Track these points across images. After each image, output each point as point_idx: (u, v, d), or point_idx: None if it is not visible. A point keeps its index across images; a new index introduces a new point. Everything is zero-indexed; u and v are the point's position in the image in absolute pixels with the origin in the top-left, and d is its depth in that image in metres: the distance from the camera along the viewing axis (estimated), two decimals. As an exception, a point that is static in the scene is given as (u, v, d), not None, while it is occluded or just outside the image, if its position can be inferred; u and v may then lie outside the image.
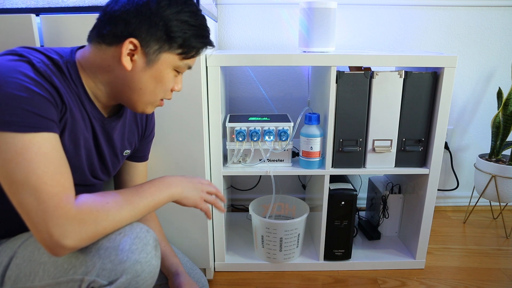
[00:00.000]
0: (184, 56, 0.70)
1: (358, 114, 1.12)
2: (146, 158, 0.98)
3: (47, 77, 0.62)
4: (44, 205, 0.57)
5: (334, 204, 1.19)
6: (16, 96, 0.57)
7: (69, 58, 0.69)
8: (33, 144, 0.58)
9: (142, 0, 0.65)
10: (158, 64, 0.69)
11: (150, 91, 0.71)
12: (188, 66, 0.73)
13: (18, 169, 0.57)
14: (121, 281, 0.65)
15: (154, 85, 0.71)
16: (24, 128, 0.58)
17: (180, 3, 0.68)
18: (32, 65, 0.62)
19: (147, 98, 0.72)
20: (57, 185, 0.59)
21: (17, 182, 0.57)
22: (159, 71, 0.69)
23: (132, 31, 0.66)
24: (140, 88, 0.70)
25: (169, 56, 0.69)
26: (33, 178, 0.57)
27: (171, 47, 0.68)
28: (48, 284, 0.66)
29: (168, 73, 0.71)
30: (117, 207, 0.65)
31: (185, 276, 0.93)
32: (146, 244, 0.68)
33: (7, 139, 0.57)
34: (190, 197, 0.76)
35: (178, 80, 0.75)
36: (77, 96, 0.69)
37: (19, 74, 0.59)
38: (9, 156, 0.57)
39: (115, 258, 0.65)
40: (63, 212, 0.58)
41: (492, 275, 1.24)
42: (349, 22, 1.51)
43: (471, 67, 1.58)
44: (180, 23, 0.67)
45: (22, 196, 0.57)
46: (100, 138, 0.76)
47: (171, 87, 0.74)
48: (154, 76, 0.70)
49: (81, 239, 0.60)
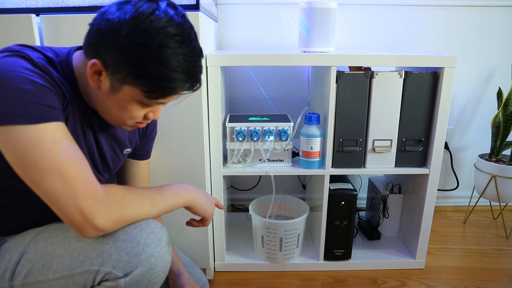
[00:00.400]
0: (148, 95, 0.63)
1: (358, 114, 1.12)
2: (148, 156, 0.98)
3: (46, 71, 0.63)
4: (72, 188, 0.60)
5: (334, 204, 1.19)
6: (22, 90, 0.58)
7: (64, 58, 0.69)
8: (47, 134, 0.60)
9: (116, 24, 0.59)
10: (120, 94, 0.64)
11: (116, 116, 0.68)
12: (158, 103, 0.67)
13: (39, 158, 0.59)
14: (136, 273, 0.66)
15: (118, 112, 0.67)
16: (36, 119, 0.59)
17: (169, 36, 0.59)
18: (30, 60, 0.62)
19: (115, 121, 0.70)
20: (80, 170, 0.61)
21: (41, 170, 0.59)
22: (121, 101, 0.65)
23: (100, 53, 0.62)
24: (106, 109, 0.68)
25: (133, 90, 0.63)
26: (56, 165, 0.59)
27: (135, 83, 0.62)
28: (62, 276, 0.67)
29: (132, 105, 0.65)
30: (140, 199, 0.68)
31: (186, 275, 0.93)
32: (160, 240, 0.69)
33: (20, 132, 0.58)
34: (204, 206, 0.80)
35: (154, 109, 0.69)
36: (74, 93, 0.69)
37: (20, 68, 0.60)
38: (27, 147, 0.58)
39: (131, 250, 0.66)
40: (91, 194, 0.61)
41: (492, 275, 1.24)
42: (349, 22, 1.51)
43: (471, 67, 1.58)
44: (152, 61, 0.59)
45: (49, 182, 0.59)
46: (99, 136, 0.77)
47: (141, 116, 0.68)
48: (117, 104, 0.66)
49: (108, 220, 0.62)
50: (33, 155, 0.58)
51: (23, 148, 0.58)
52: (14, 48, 0.64)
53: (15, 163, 0.59)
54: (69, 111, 0.67)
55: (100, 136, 0.77)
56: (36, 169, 0.59)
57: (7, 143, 0.59)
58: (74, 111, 0.69)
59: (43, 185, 0.59)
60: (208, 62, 1.05)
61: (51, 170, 0.59)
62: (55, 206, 0.60)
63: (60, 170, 0.59)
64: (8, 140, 0.58)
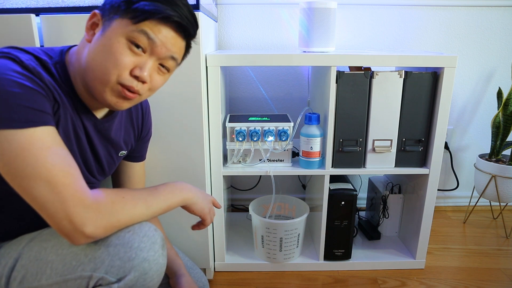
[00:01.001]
0: (135, 20, 0.63)
1: (358, 114, 1.12)
2: (143, 158, 0.98)
3: (36, 73, 0.62)
4: (60, 195, 0.58)
5: (334, 204, 1.19)
6: (10, 93, 0.57)
7: (58, 59, 0.68)
8: (35, 138, 0.58)
9: None
10: (109, 30, 0.64)
11: (100, 64, 0.64)
12: (144, 33, 0.63)
13: (26, 164, 0.57)
14: (129, 278, 0.65)
15: (103, 55, 0.64)
16: (24, 123, 0.57)
17: None
18: (20, 62, 0.61)
19: (99, 74, 0.65)
20: (68, 176, 0.59)
21: (28, 176, 0.57)
22: (108, 38, 0.64)
23: (101, 6, 0.67)
24: (92, 61, 0.65)
25: (121, 22, 0.63)
26: (44, 171, 0.58)
27: (124, 12, 0.63)
28: (55, 282, 0.66)
29: (119, 41, 0.63)
30: (132, 203, 0.66)
31: (188, 279, 0.93)
32: (154, 243, 0.68)
33: (8, 136, 0.57)
34: (200, 205, 0.78)
35: (142, 62, 0.65)
36: (68, 96, 0.68)
37: (8, 70, 0.59)
38: (14, 153, 0.57)
39: (124, 255, 0.65)
40: (79, 201, 0.59)
41: (492, 275, 1.24)
42: (349, 22, 1.51)
43: (471, 67, 1.58)
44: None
45: (36, 189, 0.58)
46: (93, 139, 0.76)
47: (125, 62, 0.64)
48: (104, 44, 0.64)
49: (98, 227, 0.60)
50: (20, 161, 0.57)
51: (10, 154, 0.57)
52: (3, 50, 0.63)
53: (2, 168, 0.58)
54: (60, 114, 0.66)
55: (95, 138, 0.76)
56: (23, 176, 0.57)
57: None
58: (66, 114, 0.67)
59: (30, 192, 0.58)
60: (208, 62, 1.05)
61: (38, 176, 0.57)
62: (44, 213, 0.59)
63: (47, 177, 0.58)
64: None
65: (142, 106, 0.90)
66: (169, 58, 0.68)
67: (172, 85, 0.98)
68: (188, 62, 0.91)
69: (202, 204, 0.79)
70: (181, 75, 0.98)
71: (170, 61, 0.69)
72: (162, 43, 0.65)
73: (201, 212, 0.79)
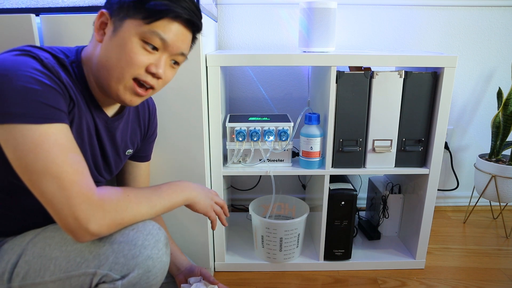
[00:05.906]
0: (147, 21, 0.65)
1: (358, 114, 1.12)
2: (148, 158, 0.99)
3: (54, 72, 0.63)
4: (67, 192, 0.59)
5: (334, 204, 1.19)
6: (29, 89, 0.59)
7: (74, 58, 0.70)
8: (48, 135, 0.60)
9: None
10: (122, 31, 0.66)
11: (115, 63, 0.66)
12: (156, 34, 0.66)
13: (37, 159, 0.59)
14: (133, 275, 0.66)
15: (118, 55, 0.66)
16: (39, 119, 0.59)
17: None
18: (40, 60, 0.63)
19: (114, 73, 0.67)
20: (76, 173, 0.61)
21: (38, 172, 0.59)
22: (122, 38, 0.65)
23: (107, 5, 0.68)
24: (106, 61, 0.67)
25: (133, 22, 0.65)
26: (54, 167, 0.59)
27: (135, 12, 0.65)
28: (59, 278, 0.66)
29: (132, 41, 0.65)
30: (136, 201, 0.67)
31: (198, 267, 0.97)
32: (158, 241, 0.69)
33: (23, 131, 0.58)
34: (203, 203, 0.80)
35: (157, 59, 0.68)
36: (82, 95, 0.70)
37: (28, 67, 0.60)
38: (27, 147, 0.58)
39: (128, 252, 0.66)
40: (86, 198, 0.60)
41: (492, 275, 1.24)
42: (349, 22, 1.51)
43: (471, 67, 1.58)
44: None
45: (44, 185, 0.59)
46: (103, 137, 0.77)
47: (140, 61, 0.66)
48: (118, 44, 0.66)
49: (103, 224, 0.61)
50: (33, 156, 0.58)
51: (24, 148, 0.58)
52: (25, 48, 0.65)
53: (14, 162, 0.60)
54: (75, 113, 0.68)
55: (104, 137, 0.78)
56: (33, 170, 0.59)
57: (8, 142, 0.59)
58: (80, 112, 0.69)
59: (39, 187, 0.59)
60: (208, 62, 1.05)
61: (47, 172, 0.59)
62: (50, 209, 0.60)
63: (56, 173, 0.59)
64: (9, 138, 0.59)
65: (149, 106, 0.92)
66: (179, 54, 0.71)
67: (172, 85, 0.98)
68: (188, 62, 0.91)
69: (204, 203, 0.80)
70: (181, 75, 0.98)
71: (180, 57, 0.72)
72: (173, 42, 0.68)
73: (204, 211, 0.80)
